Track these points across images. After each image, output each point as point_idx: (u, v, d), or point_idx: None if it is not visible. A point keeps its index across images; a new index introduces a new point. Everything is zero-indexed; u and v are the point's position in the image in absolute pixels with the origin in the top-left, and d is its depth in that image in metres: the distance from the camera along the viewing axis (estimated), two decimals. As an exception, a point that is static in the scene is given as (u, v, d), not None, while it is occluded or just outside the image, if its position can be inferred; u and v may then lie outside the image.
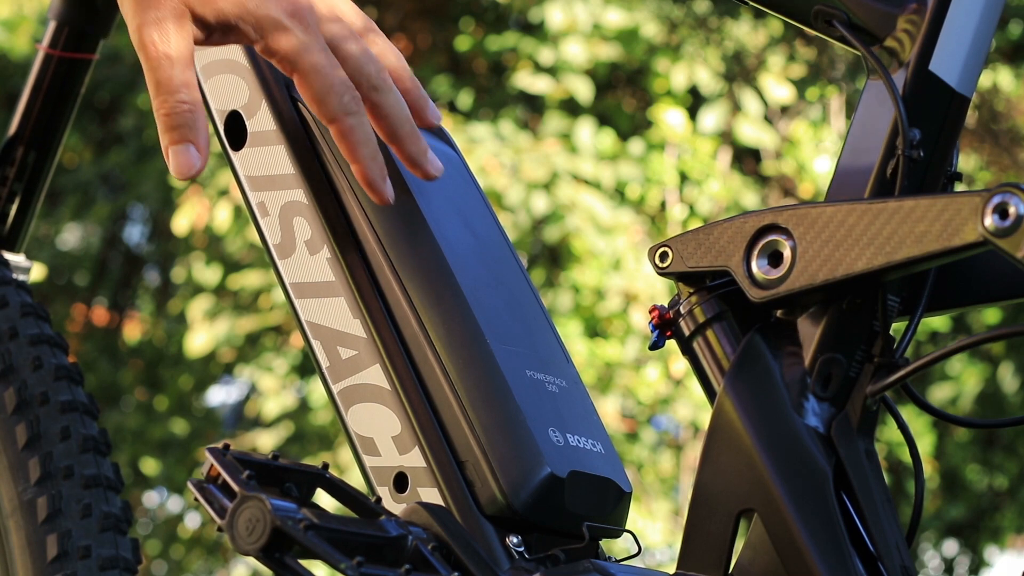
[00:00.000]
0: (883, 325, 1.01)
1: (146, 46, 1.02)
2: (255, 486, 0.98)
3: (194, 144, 1.03)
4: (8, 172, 1.47)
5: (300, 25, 1.05)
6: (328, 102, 1.05)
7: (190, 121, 1.03)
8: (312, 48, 1.05)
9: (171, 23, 1.02)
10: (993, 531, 6.14)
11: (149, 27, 1.02)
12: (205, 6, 1.03)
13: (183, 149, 1.03)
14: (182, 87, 1.02)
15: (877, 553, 0.99)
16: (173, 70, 1.02)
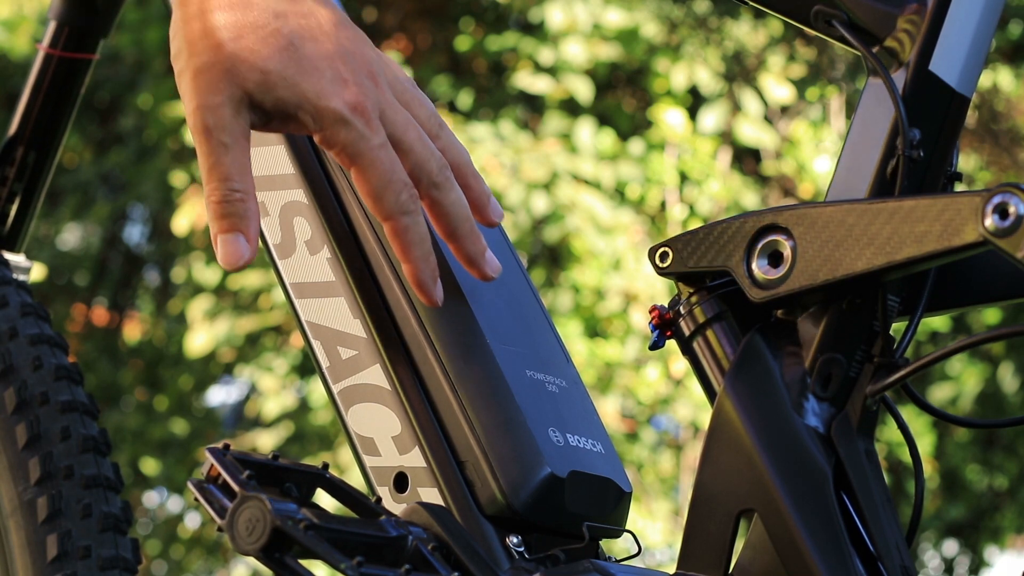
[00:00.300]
0: (883, 325, 1.01)
1: (202, 130, 1.00)
2: (255, 486, 0.98)
3: (244, 234, 1.01)
4: (8, 172, 1.47)
5: (362, 119, 1.01)
6: (384, 200, 1.02)
7: (241, 211, 1.00)
8: (371, 143, 1.01)
9: (229, 109, 1.00)
10: (993, 531, 6.14)
11: (206, 111, 0.99)
12: (265, 94, 1.00)
13: (232, 239, 1.01)
14: (236, 175, 1.00)
15: (877, 553, 0.99)
16: (227, 157, 1.00)
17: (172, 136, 5.37)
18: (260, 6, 1.00)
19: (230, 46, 0.99)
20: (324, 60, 1.01)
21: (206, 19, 1.00)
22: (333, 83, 1.01)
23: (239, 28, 1.00)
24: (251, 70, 1.00)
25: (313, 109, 1.00)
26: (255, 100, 1.00)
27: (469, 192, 1.08)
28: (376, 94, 1.02)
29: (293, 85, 1.00)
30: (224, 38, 0.99)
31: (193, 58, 1.00)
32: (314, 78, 1.01)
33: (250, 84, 1.00)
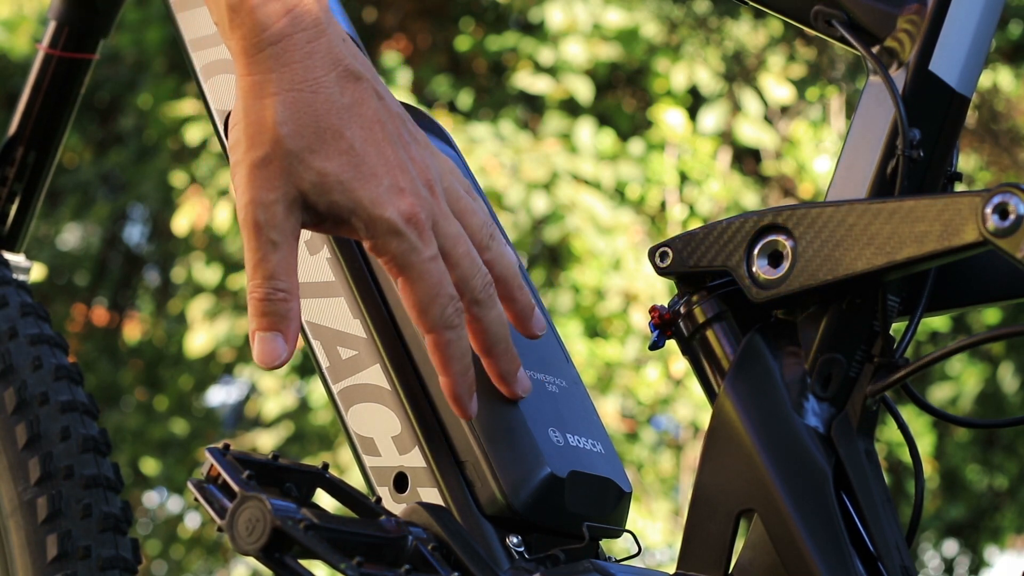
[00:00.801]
0: (883, 325, 1.01)
1: (252, 226, 0.97)
2: (255, 486, 0.98)
3: (283, 334, 0.99)
4: (8, 172, 1.47)
5: (415, 231, 0.99)
6: (430, 313, 1.00)
7: (283, 311, 0.99)
8: (422, 256, 0.99)
9: (282, 207, 0.97)
10: (993, 531, 6.14)
11: (259, 207, 0.97)
12: (320, 196, 0.98)
13: (271, 337, 0.99)
14: (281, 274, 0.98)
15: (877, 553, 0.99)
16: (275, 255, 0.98)
17: (172, 136, 5.37)
18: (324, 98, 0.98)
19: (289, 143, 0.97)
20: (383, 167, 0.99)
21: (267, 110, 0.97)
22: (389, 192, 0.99)
23: (301, 124, 0.97)
24: (308, 170, 0.97)
25: (367, 217, 0.98)
26: (309, 201, 0.98)
27: (514, 305, 1.06)
28: (431, 204, 1.00)
29: (349, 191, 0.98)
30: (284, 133, 0.97)
31: (251, 151, 0.97)
32: (371, 185, 0.98)
33: (306, 184, 0.97)
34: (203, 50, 1.18)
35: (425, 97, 5.38)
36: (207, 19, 1.18)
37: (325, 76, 0.98)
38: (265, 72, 0.97)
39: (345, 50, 0.99)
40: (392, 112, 1.01)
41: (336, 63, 0.98)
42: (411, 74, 5.35)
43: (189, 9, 1.19)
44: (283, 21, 0.97)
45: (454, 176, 1.05)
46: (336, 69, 0.98)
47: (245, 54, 0.97)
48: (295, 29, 0.97)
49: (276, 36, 0.97)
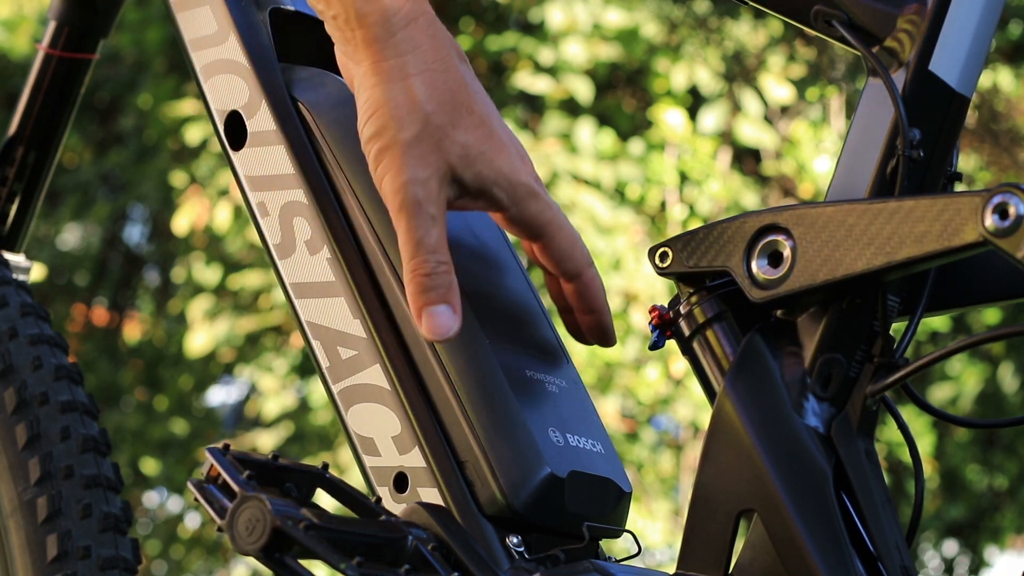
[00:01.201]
0: (883, 325, 1.01)
1: (412, 204, 1.01)
2: (255, 486, 0.98)
3: (451, 304, 1.03)
4: (8, 172, 1.47)
5: (543, 190, 1.06)
6: (575, 255, 1.07)
7: (448, 282, 1.03)
8: (554, 209, 1.06)
9: (435, 182, 1.02)
10: (993, 531, 6.14)
11: (417, 185, 1.01)
12: (467, 169, 1.02)
13: (442, 310, 1.02)
14: (441, 247, 1.02)
15: (877, 553, 0.99)
16: (435, 229, 1.02)
17: (172, 136, 5.36)
18: (454, 75, 1.03)
19: (436, 119, 1.01)
20: (507, 137, 1.05)
21: (409, 91, 1.02)
22: (519, 159, 1.05)
23: (442, 101, 1.02)
24: (454, 144, 1.02)
25: (508, 184, 1.04)
26: (457, 174, 1.02)
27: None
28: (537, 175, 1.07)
29: (490, 160, 1.03)
30: (430, 111, 1.01)
31: (401, 132, 1.01)
32: (505, 154, 1.04)
33: (454, 158, 1.02)
34: (203, 50, 1.18)
35: (425, 97, 5.37)
36: (207, 19, 1.18)
37: (449, 55, 1.03)
38: (400, 55, 1.02)
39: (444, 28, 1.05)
40: (482, 87, 1.06)
41: (452, 43, 1.04)
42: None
43: (189, 9, 1.20)
44: (408, 6, 1.02)
45: None
46: (454, 48, 1.04)
47: (378, 41, 1.02)
48: (418, 13, 1.02)
49: (405, 20, 1.02)
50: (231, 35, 1.17)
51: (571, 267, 1.07)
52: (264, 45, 1.17)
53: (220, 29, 1.18)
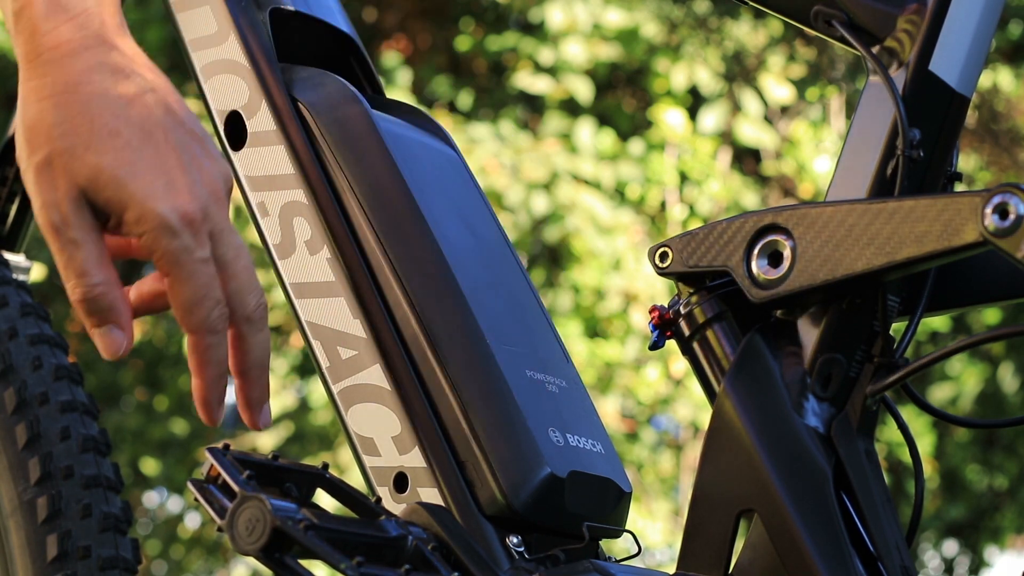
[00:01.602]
0: (883, 325, 1.01)
1: (49, 229, 0.97)
2: (255, 486, 0.98)
3: (115, 324, 0.99)
4: (8, 172, 1.46)
5: (188, 229, 0.98)
6: (194, 315, 1.00)
7: (107, 303, 0.99)
8: (193, 256, 0.98)
9: (70, 204, 0.97)
10: (993, 531, 6.14)
11: (50, 209, 0.97)
12: (96, 192, 0.97)
13: (106, 331, 0.99)
14: (92, 269, 0.98)
15: (877, 553, 0.99)
16: (80, 253, 0.98)
17: (172, 136, 5.35)
18: (99, 99, 0.97)
19: (63, 142, 0.97)
20: (160, 166, 0.98)
21: (41, 113, 0.97)
22: (166, 189, 0.98)
23: (74, 124, 0.97)
24: (84, 166, 0.97)
25: (139, 211, 0.97)
26: (89, 197, 0.98)
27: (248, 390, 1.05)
28: (214, 210, 0.99)
29: (123, 185, 0.97)
30: (57, 134, 0.97)
31: (33, 155, 0.97)
32: (145, 180, 0.97)
33: (82, 180, 0.97)
34: (203, 50, 1.18)
35: (425, 97, 5.38)
36: (207, 19, 1.18)
37: (101, 80, 0.98)
38: (41, 77, 0.98)
39: (134, 59, 0.99)
40: (183, 125, 1.00)
41: (115, 70, 0.98)
42: (411, 74, 5.35)
43: (189, 9, 1.19)
44: (63, 28, 0.98)
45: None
46: (115, 75, 0.98)
47: (25, 59, 0.98)
48: (75, 35, 0.98)
49: (53, 43, 0.98)
50: (231, 35, 1.17)
51: (183, 321, 1.00)
52: (264, 45, 1.17)
53: (220, 29, 1.17)
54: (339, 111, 1.14)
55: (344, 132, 1.13)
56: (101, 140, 0.97)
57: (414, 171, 1.13)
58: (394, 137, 1.14)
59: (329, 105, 1.14)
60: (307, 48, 1.21)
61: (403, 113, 1.21)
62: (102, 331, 0.99)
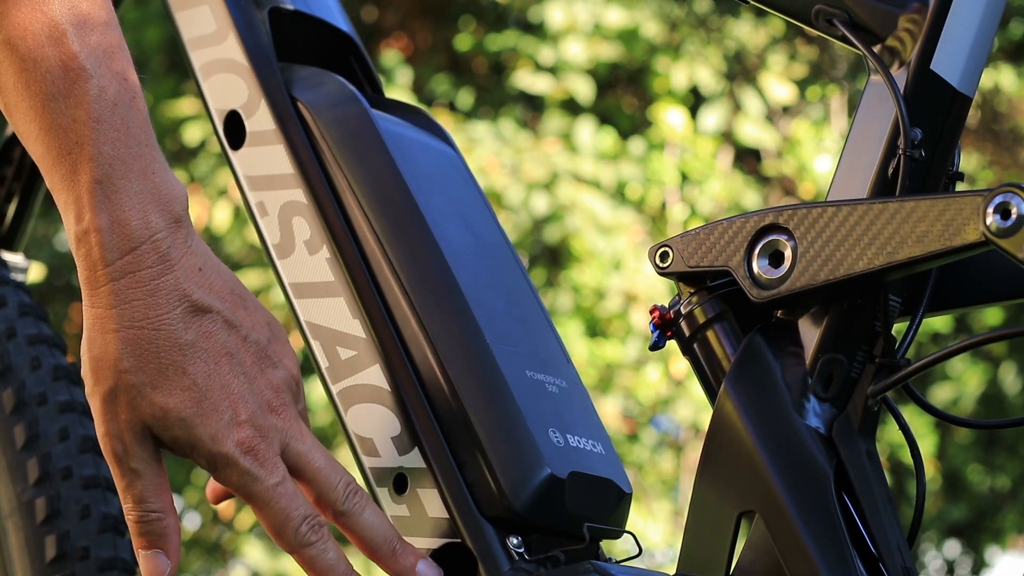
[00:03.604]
0: (884, 325, 1.00)
1: (112, 457, 0.99)
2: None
3: (163, 550, 1.00)
4: (7, 171, 1.46)
5: (254, 461, 1.00)
6: (284, 536, 1.01)
7: (159, 529, 1.00)
8: (265, 484, 1.00)
9: (132, 436, 0.99)
10: (995, 532, 6.14)
11: (113, 439, 0.99)
12: (163, 431, 0.99)
13: (152, 555, 1.00)
14: (151, 496, 1.00)
15: (879, 554, 0.99)
16: (140, 481, 1.00)
17: (171, 136, 5.36)
18: (166, 335, 0.98)
19: (131, 378, 0.98)
20: (225, 401, 0.99)
21: (108, 345, 0.97)
22: (229, 426, 0.99)
23: (142, 360, 0.97)
24: (151, 405, 0.98)
25: (207, 453, 0.99)
26: (154, 434, 1.00)
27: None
28: (278, 428, 1.01)
29: (190, 427, 0.99)
30: (125, 368, 0.97)
31: (98, 385, 0.98)
32: (211, 421, 0.99)
33: (148, 419, 0.98)
34: (202, 49, 1.18)
35: (425, 96, 5.38)
36: (206, 18, 1.18)
37: (168, 313, 0.98)
38: (106, 308, 0.97)
39: (198, 281, 0.99)
40: (246, 340, 1.01)
41: (182, 299, 0.98)
42: (411, 73, 5.35)
43: (188, 8, 1.19)
44: (126, 258, 0.97)
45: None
46: (181, 305, 0.98)
47: (88, 284, 0.98)
48: (138, 267, 0.97)
49: (118, 272, 0.97)
50: (230, 34, 1.17)
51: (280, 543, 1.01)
52: (263, 44, 1.17)
53: (219, 28, 1.17)
54: (338, 110, 1.14)
55: (344, 131, 1.13)
56: (168, 380, 0.98)
57: (414, 170, 1.13)
58: (394, 136, 1.14)
59: (328, 104, 1.14)
60: (306, 47, 1.21)
61: (403, 112, 1.20)
62: (149, 554, 1.01)
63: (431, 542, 1.06)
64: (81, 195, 0.97)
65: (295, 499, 1.01)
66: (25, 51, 0.96)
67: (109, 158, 0.97)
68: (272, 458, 1.00)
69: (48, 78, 0.96)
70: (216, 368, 0.99)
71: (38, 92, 0.96)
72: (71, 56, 0.97)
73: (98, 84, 0.97)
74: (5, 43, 0.96)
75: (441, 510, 1.06)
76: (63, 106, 0.96)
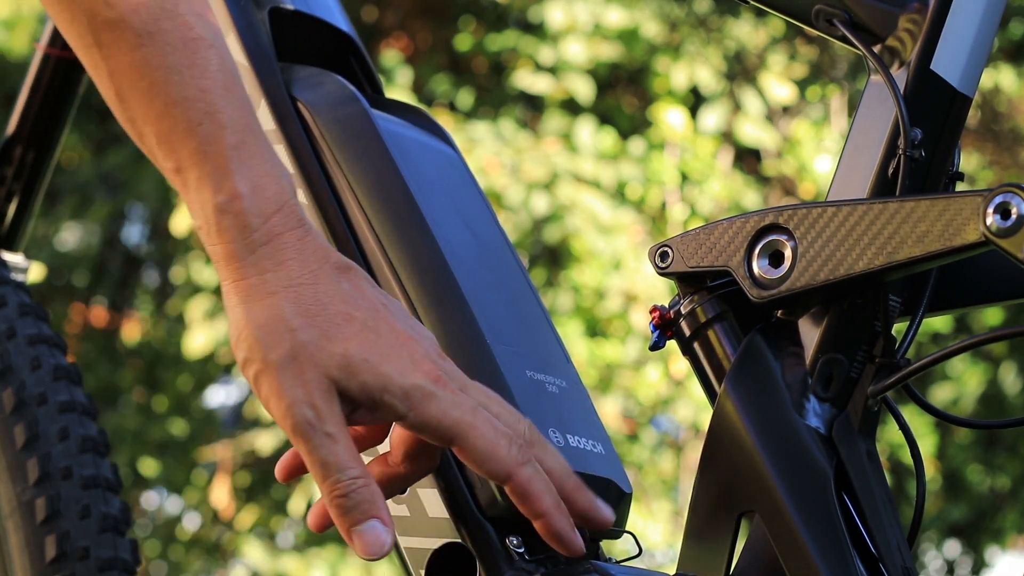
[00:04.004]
0: (884, 325, 1.00)
1: (303, 427, 0.94)
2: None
3: (379, 518, 0.95)
4: (7, 171, 1.46)
5: (447, 389, 0.96)
6: (498, 456, 0.96)
7: (368, 496, 0.95)
8: (465, 407, 0.96)
9: (321, 398, 0.94)
10: (995, 532, 6.14)
11: (300, 407, 0.93)
12: (351, 380, 0.94)
13: (370, 527, 0.95)
14: (350, 462, 0.95)
15: (878, 554, 0.99)
16: (337, 447, 0.94)
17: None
18: (325, 287, 0.96)
19: (305, 335, 0.94)
20: (398, 341, 0.96)
21: (273, 308, 0.94)
22: (411, 361, 0.96)
23: (311, 315, 0.95)
24: (331, 356, 0.94)
25: (399, 389, 0.95)
26: (340, 387, 0.94)
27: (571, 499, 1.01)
28: (451, 371, 0.98)
29: (375, 367, 0.95)
30: (297, 326, 0.94)
31: (271, 354, 0.94)
32: (394, 358, 0.95)
33: (334, 371, 0.94)
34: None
35: (425, 96, 5.38)
36: (206, 18, 1.18)
37: (321, 268, 0.96)
38: (260, 274, 0.95)
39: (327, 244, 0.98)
40: (389, 297, 0.99)
41: (327, 256, 0.97)
42: (411, 73, 5.35)
43: (188, 8, 1.19)
44: (273, 220, 0.95)
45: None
46: (329, 261, 0.97)
47: (236, 258, 0.95)
48: (285, 228, 0.96)
49: (266, 236, 0.95)
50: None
51: (495, 469, 0.96)
52: (263, 44, 1.17)
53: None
54: (338, 110, 1.14)
55: (344, 131, 1.13)
56: (340, 328, 0.95)
57: (414, 170, 1.13)
58: (394, 136, 1.14)
59: (328, 104, 1.14)
60: (306, 47, 1.21)
61: (403, 112, 1.20)
62: (363, 528, 0.95)
63: (431, 542, 1.06)
64: (219, 164, 0.94)
65: (494, 419, 0.97)
66: (141, 26, 0.94)
67: (241, 124, 0.95)
68: (461, 386, 0.98)
69: (168, 50, 0.94)
70: (379, 314, 0.97)
71: (159, 66, 0.94)
72: (188, 26, 0.95)
73: (219, 52, 0.96)
74: (119, 21, 0.94)
75: (441, 510, 1.06)
76: (188, 77, 0.94)
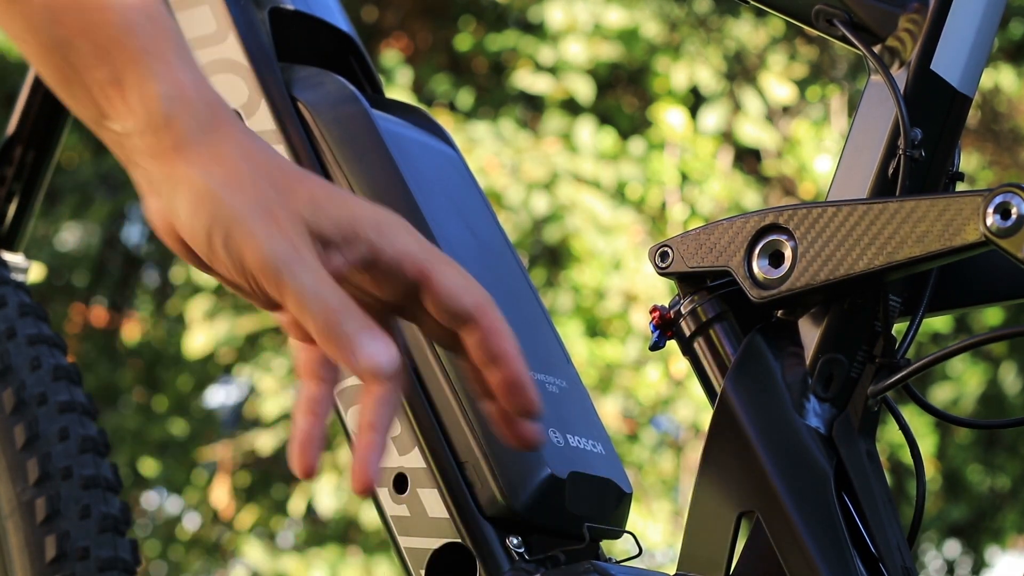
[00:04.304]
0: (884, 325, 1.00)
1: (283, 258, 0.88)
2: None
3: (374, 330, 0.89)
4: (7, 171, 1.46)
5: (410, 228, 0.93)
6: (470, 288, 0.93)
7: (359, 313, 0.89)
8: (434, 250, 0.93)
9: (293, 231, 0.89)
10: (995, 532, 6.14)
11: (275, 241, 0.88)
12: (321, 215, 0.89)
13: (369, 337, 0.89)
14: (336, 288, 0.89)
15: (878, 554, 0.99)
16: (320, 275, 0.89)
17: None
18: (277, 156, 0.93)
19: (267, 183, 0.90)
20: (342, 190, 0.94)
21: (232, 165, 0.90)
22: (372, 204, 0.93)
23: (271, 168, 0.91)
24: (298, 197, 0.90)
25: (370, 220, 0.91)
26: (311, 225, 0.89)
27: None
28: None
29: (342, 204, 0.90)
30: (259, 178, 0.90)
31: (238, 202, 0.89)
32: (355, 200, 0.92)
33: (302, 209, 0.90)
34: (202, 49, 1.18)
35: (425, 96, 5.38)
36: (206, 18, 1.18)
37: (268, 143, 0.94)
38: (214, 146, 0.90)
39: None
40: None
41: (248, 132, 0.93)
42: (411, 73, 5.35)
43: (188, 8, 1.19)
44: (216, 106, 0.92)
45: None
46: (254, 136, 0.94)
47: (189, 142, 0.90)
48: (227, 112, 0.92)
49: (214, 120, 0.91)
50: (230, 34, 1.17)
51: (466, 303, 0.92)
52: (263, 44, 1.17)
53: (219, 28, 1.17)
54: (339, 110, 1.14)
55: (344, 131, 1.13)
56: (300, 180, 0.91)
57: (414, 170, 1.13)
58: (394, 136, 1.14)
59: (329, 104, 1.14)
60: (306, 47, 1.21)
61: (403, 112, 1.20)
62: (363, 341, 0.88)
63: (431, 542, 1.06)
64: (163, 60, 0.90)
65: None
66: None
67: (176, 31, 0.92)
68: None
69: None
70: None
71: None
72: None
73: None
74: None
75: (441, 510, 1.06)
76: None
